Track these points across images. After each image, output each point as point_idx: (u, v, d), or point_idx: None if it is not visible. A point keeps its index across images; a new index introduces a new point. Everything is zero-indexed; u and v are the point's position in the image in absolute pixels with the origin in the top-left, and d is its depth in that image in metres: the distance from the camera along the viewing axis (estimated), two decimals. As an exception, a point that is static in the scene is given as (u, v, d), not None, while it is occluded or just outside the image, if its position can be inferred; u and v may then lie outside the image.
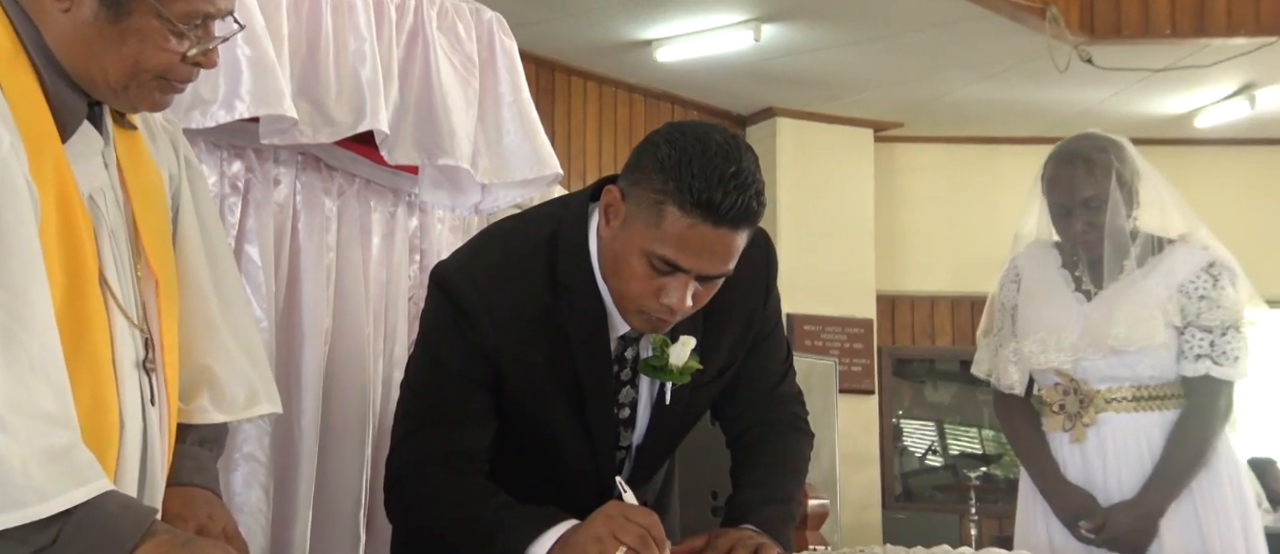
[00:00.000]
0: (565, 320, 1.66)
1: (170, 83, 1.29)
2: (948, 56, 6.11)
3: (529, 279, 1.66)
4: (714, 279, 1.60)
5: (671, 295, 1.56)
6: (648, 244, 1.54)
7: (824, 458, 6.04)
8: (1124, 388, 2.43)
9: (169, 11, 1.24)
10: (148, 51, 1.24)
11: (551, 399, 1.70)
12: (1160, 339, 2.38)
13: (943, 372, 7.55)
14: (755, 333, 1.82)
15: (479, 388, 1.67)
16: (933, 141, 7.37)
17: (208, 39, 1.29)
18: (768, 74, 6.37)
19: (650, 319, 1.62)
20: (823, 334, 6.86)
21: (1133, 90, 6.38)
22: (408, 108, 2.22)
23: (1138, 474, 2.40)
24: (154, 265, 1.36)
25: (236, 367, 1.47)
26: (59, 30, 1.23)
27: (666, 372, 1.69)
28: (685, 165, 1.51)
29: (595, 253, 1.66)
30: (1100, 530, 2.39)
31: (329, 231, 2.27)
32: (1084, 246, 2.47)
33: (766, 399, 1.86)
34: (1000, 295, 2.62)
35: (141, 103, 1.31)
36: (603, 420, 1.73)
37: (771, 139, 7.01)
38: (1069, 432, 2.46)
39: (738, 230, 1.54)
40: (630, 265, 1.57)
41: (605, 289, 1.66)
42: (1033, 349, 2.48)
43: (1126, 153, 2.48)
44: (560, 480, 1.75)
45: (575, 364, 1.67)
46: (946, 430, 7.59)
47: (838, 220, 6.96)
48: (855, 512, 6.63)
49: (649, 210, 1.54)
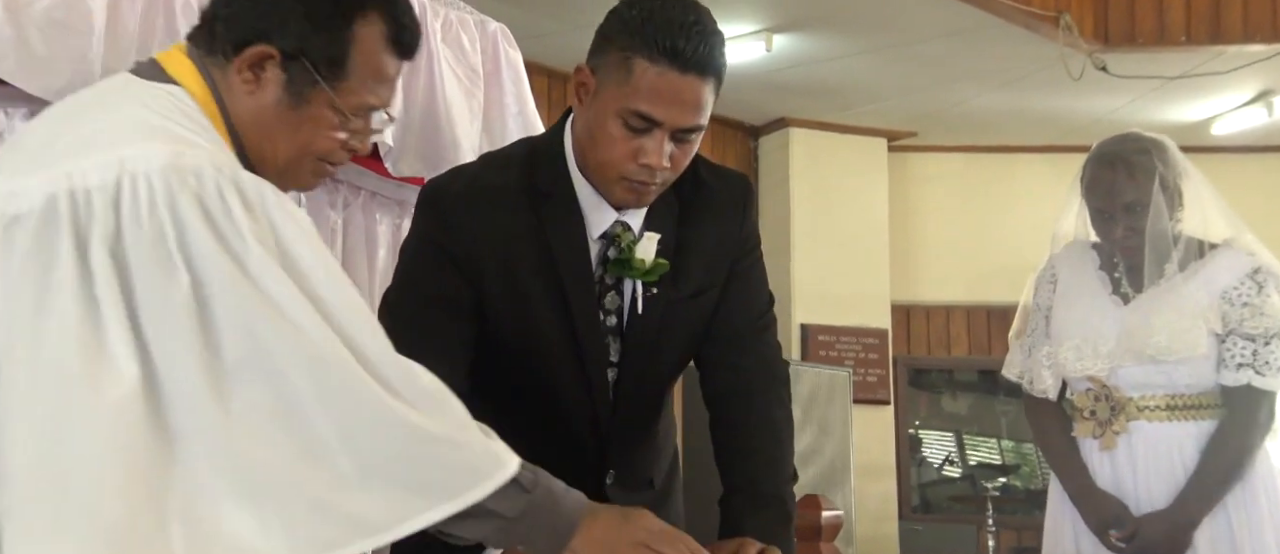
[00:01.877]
0: (544, 223, 1.70)
1: (326, 165, 1.38)
2: (961, 65, 6.09)
3: (507, 187, 1.71)
4: (688, 134, 1.63)
5: (649, 154, 1.61)
6: (621, 102, 1.60)
7: (838, 468, 6.01)
8: (1158, 396, 2.37)
9: (343, 104, 1.33)
10: (319, 138, 1.35)
11: (538, 306, 1.71)
12: (1202, 350, 2.32)
13: (961, 382, 7.50)
14: (733, 259, 1.83)
15: (458, 314, 1.69)
16: (947, 151, 7.34)
17: (367, 127, 1.39)
18: (780, 84, 6.35)
19: (632, 186, 1.65)
20: (837, 344, 6.82)
21: (1148, 98, 6.34)
22: (412, 120, 2.22)
23: (1169, 485, 2.34)
24: None
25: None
26: (242, 108, 1.32)
27: (634, 269, 1.72)
28: (648, 20, 1.58)
29: (572, 159, 1.72)
30: (1131, 539, 2.34)
31: (334, 244, 2.28)
32: (1125, 252, 2.41)
33: (744, 338, 1.83)
34: (1035, 296, 2.56)
35: (297, 183, 1.41)
36: (589, 325, 1.72)
37: (784, 149, 6.99)
38: (1099, 438, 2.41)
39: (704, 78, 1.59)
40: (607, 131, 1.62)
41: (583, 190, 1.71)
42: (1068, 356, 2.42)
43: (1170, 154, 2.41)
44: (553, 416, 1.75)
45: (558, 269, 1.70)
46: (965, 441, 7.54)
47: (852, 230, 6.94)
48: (872, 523, 6.58)
49: (618, 70, 1.60)
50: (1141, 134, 2.45)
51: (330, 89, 1.32)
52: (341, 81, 1.33)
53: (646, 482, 1.87)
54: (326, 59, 1.32)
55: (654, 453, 1.90)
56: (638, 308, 1.74)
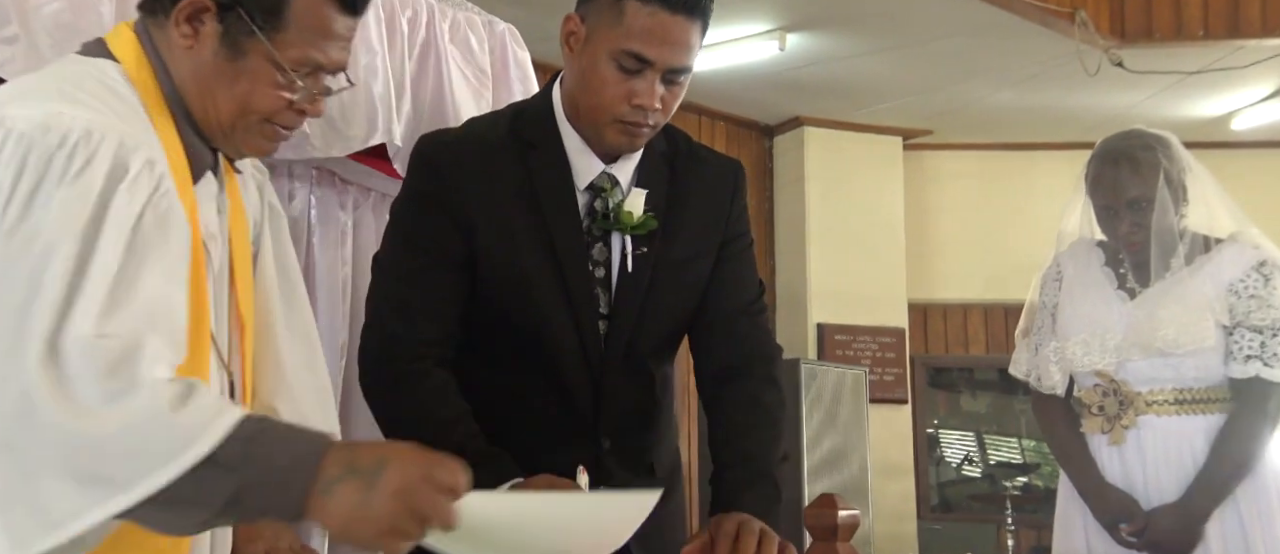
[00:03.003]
0: (533, 175, 1.74)
1: (275, 127, 1.33)
2: (976, 63, 6.06)
3: (496, 141, 1.77)
4: (677, 75, 1.69)
5: (641, 94, 1.67)
6: (613, 44, 1.66)
7: (855, 467, 5.99)
8: (1166, 390, 2.37)
9: (282, 58, 1.29)
10: (258, 94, 1.30)
11: (526, 252, 1.73)
12: (1210, 342, 2.32)
13: (981, 381, 7.47)
14: (724, 241, 1.86)
15: (449, 267, 1.72)
16: (963, 149, 7.30)
17: (316, 89, 1.34)
18: (794, 83, 6.34)
19: (625, 127, 1.71)
20: (854, 344, 6.80)
21: (1166, 94, 6.29)
22: (420, 120, 2.22)
23: (1178, 479, 2.34)
24: (242, 309, 1.41)
25: (302, 410, 1.50)
26: (182, 67, 1.30)
27: (621, 221, 1.75)
28: None
29: (561, 111, 1.76)
30: (1141, 534, 2.33)
31: (344, 245, 2.28)
32: (1130, 248, 2.42)
33: (738, 322, 1.85)
34: (1041, 294, 2.57)
35: (247, 146, 1.36)
36: (577, 270, 1.75)
37: (799, 149, 6.98)
38: (1107, 434, 2.41)
39: (692, 18, 1.67)
40: (599, 74, 1.67)
41: (571, 138, 1.75)
42: (1075, 351, 2.43)
43: (1174, 149, 2.42)
44: (547, 369, 1.76)
45: (546, 218, 1.74)
46: (986, 441, 7.50)
47: (868, 229, 6.92)
48: (891, 523, 6.56)
49: (608, 12, 1.66)
50: (1145, 130, 2.46)
51: (267, 40, 1.27)
52: (279, 33, 1.28)
53: (646, 466, 1.88)
54: (262, 8, 1.28)
55: (653, 433, 1.90)
56: (627, 265, 1.77)
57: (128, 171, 1.16)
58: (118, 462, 1.04)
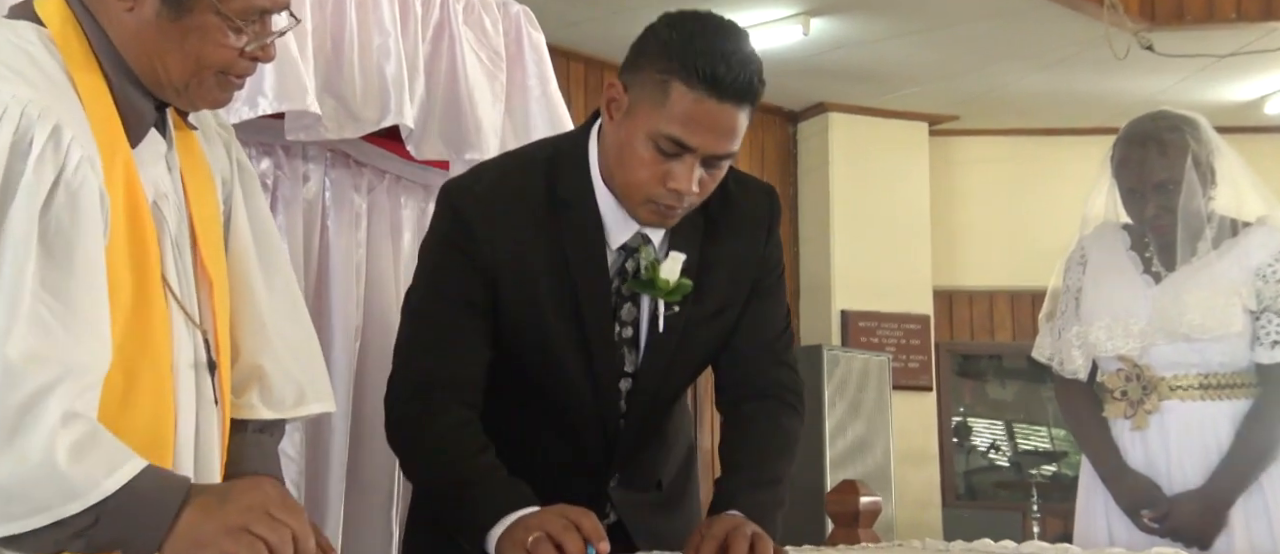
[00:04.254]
0: (563, 232, 1.68)
1: (230, 79, 1.31)
2: (1003, 47, 6.00)
3: (528, 194, 1.69)
4: (719, 161, 1.61)
5: (678, 179, 1.57)
6: (654, 125, 1.56)
7: (877, 454, 5.96)
8: (1191, 375, 2.33)
9: (227, 9, 1.26)
10: (208, 48, 1.27)
11: (551, 317, 1.69)
12: (1237, 326, 2.28)
13: (1010, 369, 7.41)
14: (755, 279, 1.81)
15: (476, 313, 1.68)
16: (990, 134, 7.24)
17: (265, 33, 1.31)
18: (818, 68, 6.30)
19: (658, 208, 1.63)
20: (878, 330, 6.76)
21: (1197, 77, 6.20)
22: (434, 102, 2.21)
23: (1202, 465, 2.30)
24: (209, 268, 1.39)
25: (285, 367, 1.49)
26: (124, 30, 1.26)
27: (657, 287, 1.69)
28: (689, 43, 1.54)
29: (596, 168, 1.68)
30: (1164, 520, 2.30)
31: (359, 228, 2.28)
32: (1156, 231, 2.37)
33: (763, 360, 1.82)
34: (1065, 278, 2.53)
35: (203, 101, 1.33)
36: (602, 340, 1.71)
37: (824, 135, 6.94)
38: (1130, 419, 2.38)
39: (741, 106, 1.56)
40: (636, 152, 1.59)
41: (605, 200, 1.68)
42: (1099, 335, 2.39)
43: (1202, 131, 2.37)
44: (562, 418, 1.74)
45: (573, 280, 1.68)
46: (1016, 430, 7.44)
47: (893, 216, 6.87)
48: (915, 510, 6.53)
49: (654, 91, 1.56)
50: (1172, 111, 2.42)
51: None
52: None
53: (654, 483, 1.86)
54: None
55: (663, 453, 1.89)
56: (657, 324, 1.72)
57: (32, 143, 1.13)
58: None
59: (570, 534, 1.44)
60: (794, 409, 1.82)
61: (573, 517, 1.48)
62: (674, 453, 1.92)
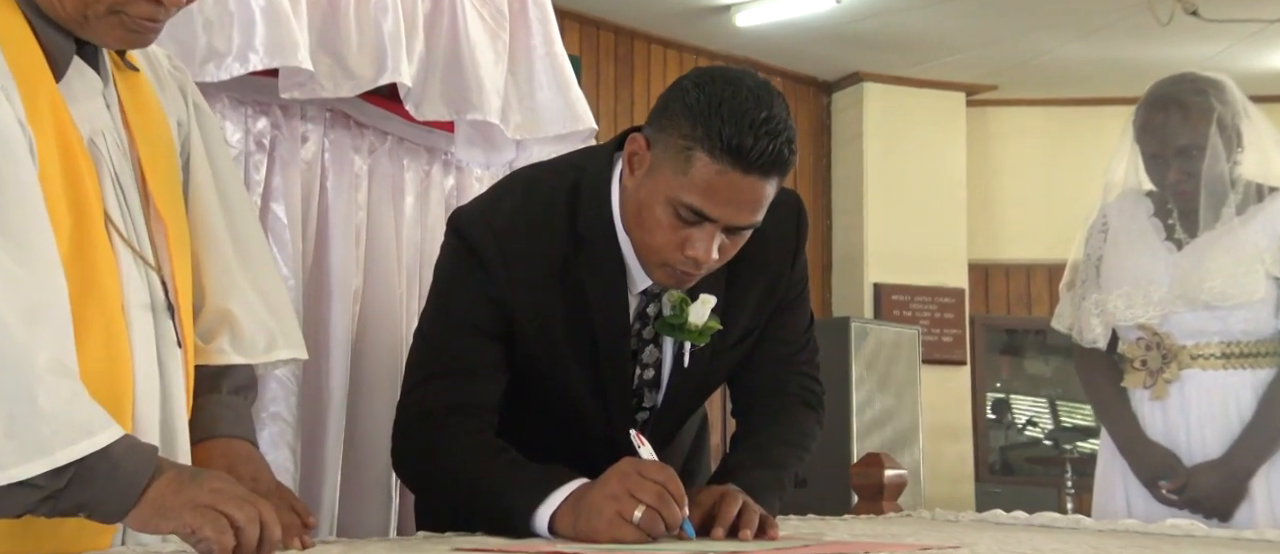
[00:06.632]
0: (583, 274, 1.61)
1: (124, 17, 1.25)
2: (1042, 14, 5.86)
3: (548, 230, 1.61)
4: (741, 230, 1.54)
5: (697, 247, 1.50)
6: (674, 192, 1.49)
7: (906, 427, 5.88)
8: (1213, 344, 2.27)
9: None
10: None
11: (566, 355, 1.64)
12: (1260, 294, 2.21)
13: (1051, 345, 7.28)
14: (780, 297, 1.75)
15: (490, 338, 1.62)
16: (1028, 104, 7.10)
17: None
18: (852, 37, 6.20)
19: (674, 273, 1.56)
20: (912, 304, 6.68)
21: (1245, 44, 6.03)
22: (435, 62, 2.17)
23: (1224, 436, 2.24)
24: (162, 209, 1.35)
25: (255, 312, 1.45)
26: None
27: (685, 330, 1.63)
28: (715, 110, 1.45)
29: (617, 205, 1.61)
30: (1182, 491, 2.24)
31: (359, 190, 2.25)
32: (1179, 196, 2.31)
33: (782, 369, 1.78)
34: (1086, 246, 2.47)
35: (107, 38, 1.28)
36: (617, 379, 1.66)
37: (858, 105, 6.84)
38: (1150, 388, 2.31)
39: (768, 179, 1.48)
40: (655, 215, 1.52)
41: (626, 242, 1.60)
42: (1118, 304, 2.33)
43: (1228, 92, 2.29)
44: (574, 443, 1.67)
45: (591, 320, 1.62)
46: (1058, 406, 7.32)
47: (928, 188, 6.77)
48: (947, 484, 6.45)
49: (676, 157, 1.48)
50: (1198, 74, 2.34)
51: None
52: None
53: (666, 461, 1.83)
54: None
55: (673, 449, 1.86)
56: (682, 360, 1.67)
57: None
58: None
59: (668, 505, 1.38)
60: (811, 408, 1.78)
61: (657, 477, 1.39)
62: (688, 433, 1.90)
